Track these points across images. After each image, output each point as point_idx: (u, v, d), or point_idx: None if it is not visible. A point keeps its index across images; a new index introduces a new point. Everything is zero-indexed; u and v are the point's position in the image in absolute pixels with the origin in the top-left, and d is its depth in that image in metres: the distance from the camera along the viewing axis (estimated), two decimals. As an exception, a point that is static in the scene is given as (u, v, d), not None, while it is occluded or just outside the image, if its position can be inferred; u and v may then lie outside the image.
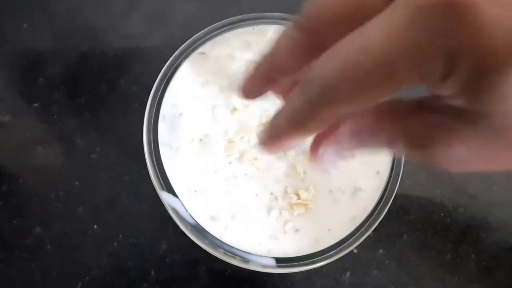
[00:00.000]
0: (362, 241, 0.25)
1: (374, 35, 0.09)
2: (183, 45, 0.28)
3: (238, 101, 0.27)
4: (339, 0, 0.11)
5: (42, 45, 0.35)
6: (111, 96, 0.34)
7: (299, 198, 0.25)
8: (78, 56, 0.35)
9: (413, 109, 0.12)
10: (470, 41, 0.09)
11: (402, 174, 0.27)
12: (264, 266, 0.24)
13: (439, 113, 0.11)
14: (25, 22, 0.36)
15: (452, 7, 0.09)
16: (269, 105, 0.28)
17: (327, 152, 0.13)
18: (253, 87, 0.13)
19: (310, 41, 0.11)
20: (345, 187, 0.26)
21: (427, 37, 0.09)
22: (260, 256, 0.24)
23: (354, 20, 0.10)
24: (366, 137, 0.12)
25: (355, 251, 0.32)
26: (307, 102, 0.11)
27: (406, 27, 0.09)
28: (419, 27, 0.09)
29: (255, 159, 0.26)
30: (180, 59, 0.28)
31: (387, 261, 0.32)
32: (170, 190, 0.25)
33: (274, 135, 0.13)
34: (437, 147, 0.11)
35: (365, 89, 0.10)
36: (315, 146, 0.13)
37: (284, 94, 0.14)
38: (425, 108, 0.11)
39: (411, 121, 0.11)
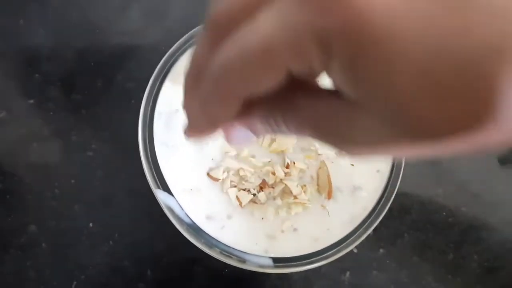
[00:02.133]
0: (362, 241, 0.25)
1: (261, 20, 0.10)
2: (179, 41, 0.27)
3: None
4: None
5: (38, 41, 0.35)
6: (107, 92, 0.34)
7: (296, 198, 0.25)
8: (74, 52, 0.35)
9: (322, 95, 0.12)
10: (341, 23, 0.08)
11: (403, 172, 0.27)
12: (261, 266, 0.24)
13: (342, 98, 0.11)
14: (21, 18, 0.35)
15: None
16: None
17: (239, 132, 0.14)
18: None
19: (222, 38, 0.12)
20: (345, 186, 0.26)
21: (301, 20, 0.09)
22: (257, 256, 0.24)
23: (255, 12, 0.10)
24: (275, 124, 0.13)
25: (355, 251, 0.31)
26: (210, 83, 0.12)
27: (286, 9, 0.09)
28: (295, 10, 0.09)
29: (252, 157, 0.26)
30: (176, 54, 0.27)
31: (387, 261, 0.32)
32: (165, 188, 0.25)
33: (192, 121, 0.13)
34: (338, 132, 0.11)
35: (253, 69, 0.10)
36: (228, 124, 0.14)
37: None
38: (331, 94, 0.11)
39: (318, 106, 0.11)
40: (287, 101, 0.12)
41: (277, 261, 0.24)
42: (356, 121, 0.10)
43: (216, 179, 0.25)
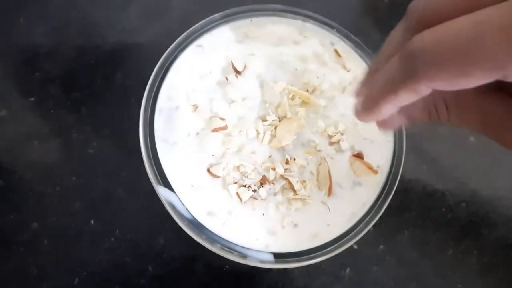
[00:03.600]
0: (362, 237, 0.25)
1: (490, 21, 0.10)
2: (179, 38, 0.27)
3: (236, 94, 0.27)
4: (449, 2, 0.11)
5: (38, 40, 0.35)
6: (107, 90, 0.34)
7: (296, 193, 0.25)
8: (74, 50, 0.35)
9: (495, 90, 0.12)
10: None
11: (402, 169, 0.27)
12: (262, 261, 0.24)
13: None
14: (21, 16, 0.35)
15: None
16: (267, 97, 0.27)
17: (396, 117, 0.14)
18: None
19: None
20: (345, 181, 0.26)
21: None
22: (258, 251, 0.24)
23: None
24: (440, 111, 0.13)
25: (355, 247, 0.31)
26: (405, 69, 0.11)
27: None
28: None
29: (253, 153, 0.26)
30: (176, 51, 0.27)
31: (387, 257, 0.32)
32: (166, 184, 0.25)
33: (370, 102, 0.13)
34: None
35: (469, 69, 0.10)
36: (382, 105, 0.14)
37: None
38: (506, 90, 0.11)
39: (494, 100, 0.11)
40: (455, 94, 0.12)
41: (278, 256, 0.24)
42: None
43: (217, 176, 0.25)
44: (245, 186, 0.25)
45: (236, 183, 0.25)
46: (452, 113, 0.12)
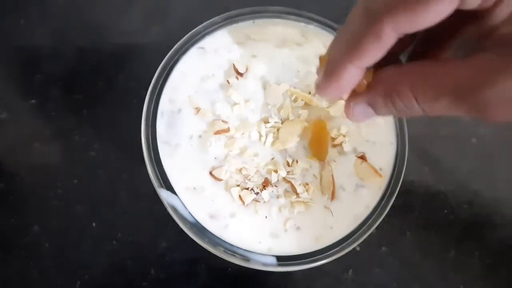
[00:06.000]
0: (365, 239, 0.25)
1: None
2: (181, 40, 0.27)
3: (238, 96, 0.27)
4: None
5: (39, 41, 0.35)
6: (109, 92, 0.34)
7: (299, 196, 0.25)
8: (76, 52, 0.34)
9: (458, 60, 0.11)
10: None
11: (405, 170, 0.27)
12: (265, 264, 0.24)
13: (487, 51, 0.10)
14: (22, 18, 0.35)
15: None
16: (270, 100, 0.27)
17: (358, 106, 0.14)
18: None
19: None
20: (347, 184, 0.26)
21: None
22: (261, 254, 0.24)
23: None
24: (399, 98, 0.12)
25: (358, 248, 0.31)
26: (366, 14, 0.12)
27: None
28: None
29: (255, 155, 0.26)
30: (178, 54, 0.27)
31: (390, 259, 0.32)
32: (169, 187, 0.25)
33: (331, 68, 0.13)
34: (482, 89, 0.11)
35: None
36: (348, 99, 0.14)
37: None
38: (471, 53, 0.11)
39: (459, 68, 0.11)
40: (419, 70, 0.12)
41: (281, 259, 0.24)
42: (505, 71, 0.10)
43: (219, 179, 0.25)
44: (247, 188, 0.25)
45: (238, 185, 0.25)
46: (420, 90, 0.12)
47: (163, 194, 0.24)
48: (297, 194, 0.25)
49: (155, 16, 0.36)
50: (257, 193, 0.25)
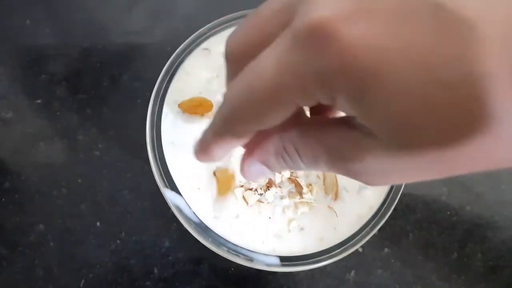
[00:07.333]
0: (367, 240, 0.25)
1: (266, 61, 0.11)
2: (186, 41, 0.28)
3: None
4: (248, 33, 0.12)
5: (44, 42, 0.35)
6: (113, 92, 0.34)
7: (302, 197, 0.25)
8: (80, 52, 0.35)
9: (334, 124, 0.12)
10: (338, 64, 0.09)
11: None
12: (268, 264, 0.24)
13: (354, 129, 0.11)
14: (27, 18, 0.35)
15: (318, 34, 0.09)
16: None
17: (253, 165, 0.14)
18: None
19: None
20: (350, 185, 0.26)
21: (302, 63, 0.10)
22: (264, 254, 0.24)
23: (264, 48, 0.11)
24: (289, 158, 0.13)
25: (360, 250, 0.31)
26: (223, 118, 0.12)
27: (287, 53, 0.10)
28: (295, 54, 0.10)
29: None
30: (183, 55, 0.27)
31: (392, 260, 0.32)
32: (173, 187, 0.25)
33: (203, 145, 0.14)
34: (352, 161, 0.11)
35: (262, 109, 0.11)
36: (243, 159, 0.14)
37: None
38: (343, 123, 0.12)
39: (332, 135, 0.12)
40: (299, 134, 0.12)
41: (284, 260, 0.24)
42: (370, 150, 0.11)
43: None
44: (251, 189, 0.25)
45: (242, 186, 0.25)
46: (301, 151, 0.13)
47: (168, 194, 0.24)
48: (301, 194, 0.25)
49: (160, 16, 0.36)
50: (261, 194, 0.25)
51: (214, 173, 0.26)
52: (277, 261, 0.24)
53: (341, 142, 0.12)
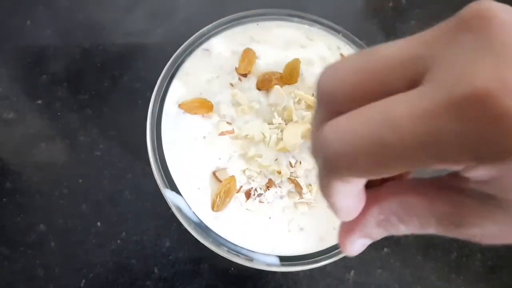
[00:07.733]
0: (367, 240, 0.25)
1: (401, 112, 0.09)
2: (186, 42, 0.28)
3: (242, 98, 0.27)
4: (361, 79, 0.11)
5: (45, 42, 0.35)
6: (114, 93, 0.34)
7: (302, 197, 0.25)
8: (81, 53, 0.35)
9: (437, 189, 0.12)
10: (501, 146, 0.09)
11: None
12: (268, 264, 0.24)
13: (467, 195, 0.11)
14: (28, 19, 0.36)
15: (484, 107, 0.08)
16: (272, 101, 0.27)
17: (358, 241, 0.13)
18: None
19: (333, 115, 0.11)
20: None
21: (457, 131, 0.09)
22: (264, 254, 0.24)
23: (374, 99, 0.10)
24: (394, 225, 0.12)
25: (360, 249, 0.31)
26: (322, 167, 0.11)
27: (438, 117, 0.09)
28: (449, 121, 0.09)
29: (259, 156, 0.26)
30: (183, 55, 0.27)
31: (391, 260, 0.32)
32: (173, 187, 0.25)
33: (324, 192, 0.13)
34: (470, 227, 0.11)
35: (385, 164, 0.10)
36: (343, 236, 0.14)
37: None
38: (450, 188, 0.11)
39: (440, 202, 0.11)
40: (401, 205, 0.12)
41: (284, 259, 0.24)
42: (490, 217, 0.11)
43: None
44: (251, 189, 0.25)
45: (242, 186, 0.25)
46: (406, 221, 0.12)
47: (168, 194, 0.25)
48: (301, 194, 0.25)
49: (160, 17, 0.36)
50: (260, 194, 0.25)
51: (214, 173, 0.26)
52: (277, 261, 0.24)
53: (453, 210, 0.11)
